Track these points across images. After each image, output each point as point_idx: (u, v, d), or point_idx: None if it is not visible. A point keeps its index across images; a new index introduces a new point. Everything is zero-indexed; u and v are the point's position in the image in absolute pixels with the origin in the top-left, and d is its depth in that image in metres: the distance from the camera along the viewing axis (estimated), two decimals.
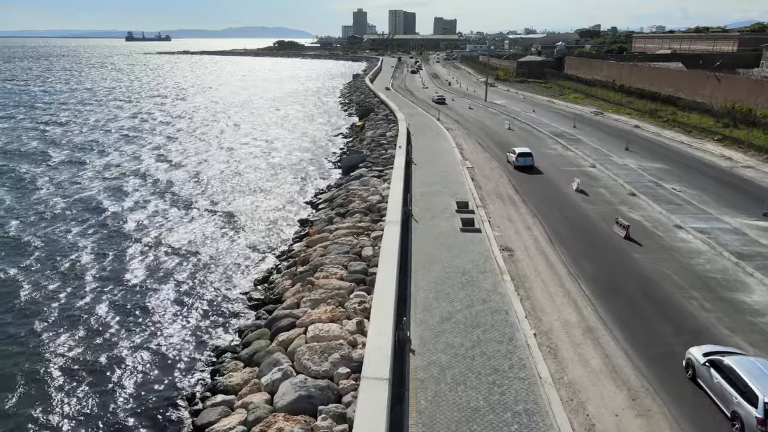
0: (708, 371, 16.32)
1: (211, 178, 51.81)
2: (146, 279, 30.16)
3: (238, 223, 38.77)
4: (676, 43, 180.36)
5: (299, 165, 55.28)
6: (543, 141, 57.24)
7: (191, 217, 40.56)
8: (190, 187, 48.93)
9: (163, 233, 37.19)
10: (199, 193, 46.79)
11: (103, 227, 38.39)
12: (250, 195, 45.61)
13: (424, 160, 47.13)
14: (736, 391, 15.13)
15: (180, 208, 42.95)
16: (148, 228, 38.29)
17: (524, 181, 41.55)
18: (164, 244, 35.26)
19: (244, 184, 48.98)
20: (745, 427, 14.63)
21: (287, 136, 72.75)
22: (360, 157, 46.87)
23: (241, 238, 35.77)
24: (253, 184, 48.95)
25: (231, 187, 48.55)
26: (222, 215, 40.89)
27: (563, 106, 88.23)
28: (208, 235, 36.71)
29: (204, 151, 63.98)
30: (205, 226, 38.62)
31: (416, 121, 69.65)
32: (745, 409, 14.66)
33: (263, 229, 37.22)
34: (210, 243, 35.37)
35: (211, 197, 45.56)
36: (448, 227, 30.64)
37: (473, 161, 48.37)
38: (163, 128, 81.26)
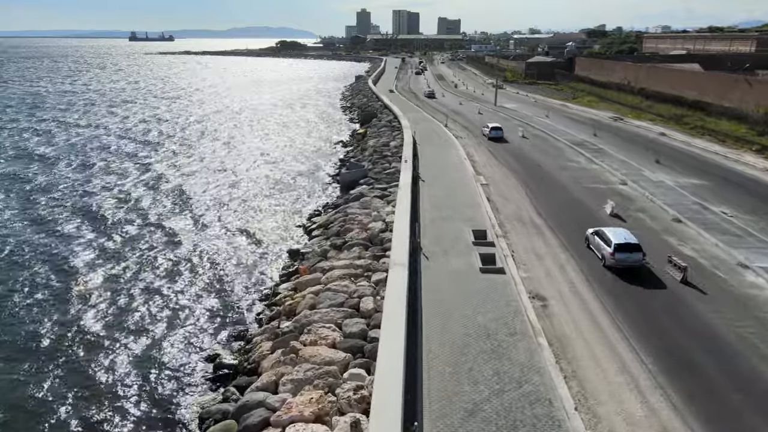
0: (593, 236, 27.00)
1: (197, 194, 46.71)
2: (92, 324, 25.09)
3: (218, 253, 33.61)
4: (689, 43, 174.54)
5: (294, 179, 50.06)
6: (563, 152, 51.94)
7: (164, 243, 35.46)
8: (171, 204, 43.85)
9: (121, 267, 32.09)
10: (180, 213, 41.71)
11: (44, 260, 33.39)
12: (237, 216, 40.45)
13: (433, 176, 41.96)
14: (603, 242, 25.60)
15: (154, 230, 37.86)
16: (95, 265, 33.18)
17: (548, 201, 36.30)
18: (121, 282, 30.17)
19: (231, 203, 43.86)
20: (605, 259, 25.35)
21: (284, 145, 67.37)
22: (361, 171, 41.75)
23: (219, 273, 30.62)
24: (241, 202, 43.80)
25: (216, 205, 43.44)
26: (200, 241, 35.78)
27: (578, 111, 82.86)
28: (180, 267, 31.61)
29: (192, 163, 58.90)
30: (178, 254, 33.51)
31: (422, 127, 64.45)
32: (605, 249, 25.25)
33: (247, 261, 32.01)
34: (182, 278, 30.26)
35: (193, 218, 40.46)
36: (464, 266, 25.46)
37: (487, 176, 43.15)
38: (150, 138, 76.31)
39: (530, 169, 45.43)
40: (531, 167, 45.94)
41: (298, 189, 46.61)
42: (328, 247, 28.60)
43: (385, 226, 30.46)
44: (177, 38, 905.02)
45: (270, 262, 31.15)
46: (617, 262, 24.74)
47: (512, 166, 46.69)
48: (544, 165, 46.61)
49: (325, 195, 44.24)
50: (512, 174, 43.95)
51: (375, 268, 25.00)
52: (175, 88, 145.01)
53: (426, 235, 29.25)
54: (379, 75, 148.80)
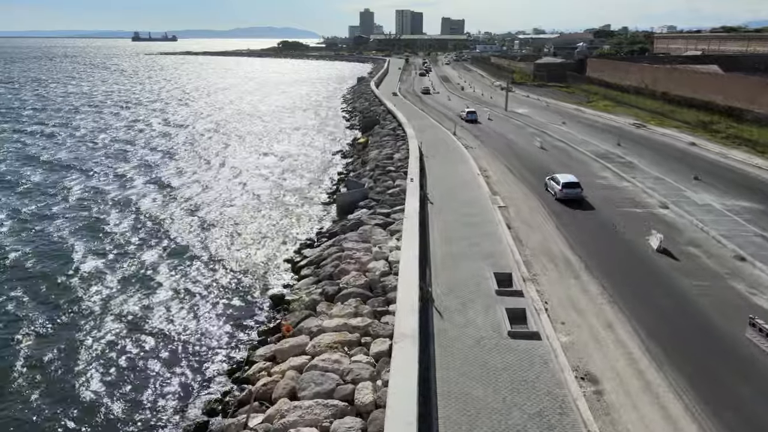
0: (549, 181, 37.94)
1: (175, 216, 41.44)
2: None
3: (187, 297, 28.27)
4: (703, 43, 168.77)
5: (286, 198, 44.44)
6: (587, 166, 46.50)
7: (121, 282, 30.22)
8: (140, 227, 38.61)
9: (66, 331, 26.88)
10: (151, 238, 36.46)
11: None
12: (217, 246, 35.02)
13: (443, 196, 36.61)
14: (555, 183, 36.73)
15: (115, 270, 32.65)
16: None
17: (579, 230, 30.90)
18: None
19: (212, 228, 38.50)
20: (556, 194, 36.22)
21: (278, 156, 61.44)
22: (360, 192, 36.40)
23: (185, 327, 25.25)
24: (223, 227, 38.32)
25: (195, 231, 38.11)
26: (170, 278, 30.51)
27: (595, 116, 77.35)
28: (137, 315, 26.36)
29: (175, 177, 53.63)
30: (146, 302, 28.28)
31: (429, 136, 59.10)
32: (556, 187, 36.37)
33: (220, 310, 26.38)
34: (137, 332, 25.01)
35: (167, 247, 35.18)
36: (488, 327, 20.13)
37: (505, 195, 37.79)
38: (134, 151, 71.16)
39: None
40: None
41: (290, 211, 41.11)
42: (318, 296, 23.27)
43: (389, 267, 25.14)
44: (180, 38, 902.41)
45: (248, 312, 25.68)
46: (564, 195, 35.99)
47: (532, 183, 41.31)
48: None
49: (320, 219, 38.74)
50: (533, 193, 38.54)
51: (375, 332, 19.67)
52: (160, 97, 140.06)
53: (438, 280, 23.93)
54: (382, 77, 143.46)
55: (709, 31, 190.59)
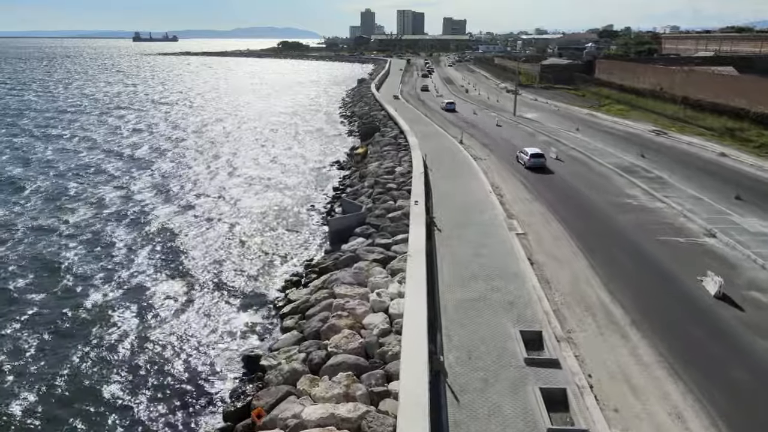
0: (520, 154, 47.33)
1: (145, 245, 36.65)
2: None
3: (147, 352, 23.44)
4: (713, 43, 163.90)
5: (273, 220, 39.00)
6: (612, 182, 41.60)
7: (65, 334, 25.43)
8: (97, 258, 33.82)
9: None
10: (109, 278, 31.66)
11: None
12: (191, 279, 30.07)
13: (452, 221, 31.73)
14: (523, 154, 46.37)
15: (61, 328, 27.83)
16: None
17: (615, 267, 26.01)
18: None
19: (187, 254, 33.63)
20: (525, 162, 45.67)
21: (268, 168, 55.86)
22: (356, 216, 31.49)
23: (139, 400, 20.43)
24: (200, 257, 33.32)
25: (167, 259, 33.27)
26: (136, 333, 25.68)
27: (610, 122, 72.44)
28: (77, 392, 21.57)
29: (155, 195, 48.77)
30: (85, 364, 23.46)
31: (433, 144, 54.22)
32: (525, 157, 45.91)
33: (179, 375, 21.40)
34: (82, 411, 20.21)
35: (135, 288, 30.37)
36: (518, 422, 15.27)
37: (523, 219, 32.93)
38: (107, 161, 66.36)
39: (576, 208, 35.13)
40: (577, 206, 35.65)
41: (277, 237, 35.89)
42: (300, 365, 18.39)
43: (389, 322, 20.29)
44: (181, 38, 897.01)
45: (214, 379, 20.63)
46: (532, 164, 44.95)
47: (551, 202, 36.44)
48: (593, 202, 36.33)
49: (310, 247, 33.73)
50: (554, 216, 33.65)
51: (372, 429, 14.79)
52: (149, 101, 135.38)
53: (452, 342, 19.07)
54: (382, 78, 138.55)
55: (719, 32, 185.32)
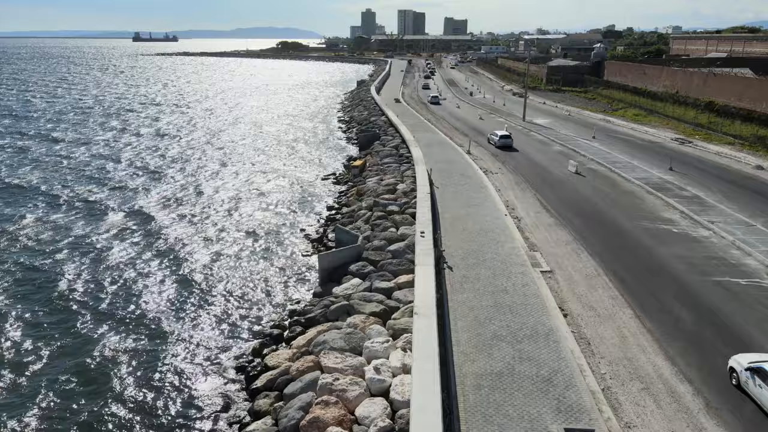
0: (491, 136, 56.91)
1: (95, 288, 31.69)
2: None
3: None
4: (724, 44, 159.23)
5: (257, 250, 33.15)
6: (643, 202, 36.61)
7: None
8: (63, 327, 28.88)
9: None
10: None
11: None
12: (148, 328, 25.15)
13: (465, 256, 26.80)
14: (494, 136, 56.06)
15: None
16: None
17: (672, 324, 21.08)
18: None
19: (149, 292, 28.65)
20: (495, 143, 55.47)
21: (255, 183, 49.93)
22: (351, 250, 26.51)
23: None
24: (167, 291, 28.43)
25: (131, 311, 28.35)
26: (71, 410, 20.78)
27: (627, 129, 67.48)
28: None
29: (125, 228, 43.76)
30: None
31: (438, 156, 49.31)
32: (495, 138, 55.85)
33: None
34: None
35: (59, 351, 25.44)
36: None
37: (546, 251, 28.03)
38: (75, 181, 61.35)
39: (608, 236, 30.18)
40: (609, 233, 30.67)
41: (260, 271, 30.12)
42: None
43: (390, 415, 15.34)
44: (182, 39, 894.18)
45: None
46: (503, 144, 53.73)
47: (577, 228, 31.52)
48: (626, 229, 31.37)
49: (297, 284, 28.43)
50: (582, 246, 28.73)
51: None
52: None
53: None
54: (383, 80, 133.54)
55: (731, 32, 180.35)
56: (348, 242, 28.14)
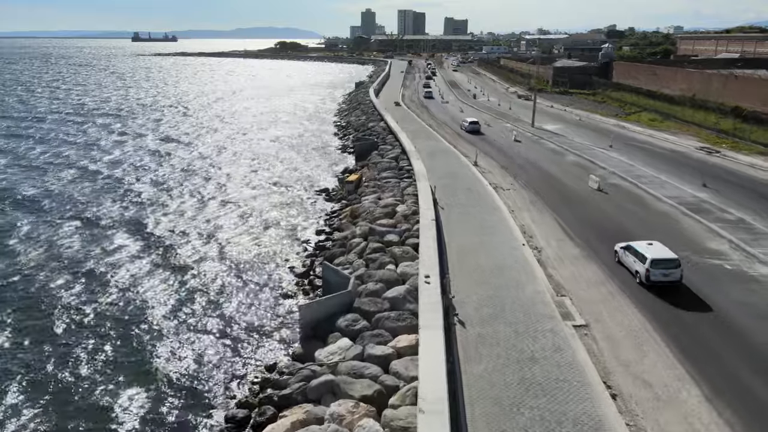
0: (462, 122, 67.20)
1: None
2: None
3: None
4: (735, 44, 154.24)
5: (227, 289, 27.93)
6: (680, 227, 31.65)
7: None
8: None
9: None
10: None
11: None
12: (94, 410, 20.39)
13: (480, 307, 21.88)
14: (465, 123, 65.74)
15: None
16: None
17: (753, 410, 16.19)
18: None
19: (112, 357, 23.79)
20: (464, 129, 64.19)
21: (242, 200, 44.57)
22: (340, 299, 21.50)
23: None
24: (97, 371, 23.53)
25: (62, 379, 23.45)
26: None
27: (646, 136, 62.51)
28: None
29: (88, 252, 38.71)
30: None
31: (443, 168, 44.42)
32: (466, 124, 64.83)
33: None
34: None
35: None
36: None
37: (578, 296, 23.11)
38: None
39: None
40: None
41: (225, 320, 24.25)
42: None
43: None
44: (182, 39, 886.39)
45: None
46: (470, 130, 60.97)
47: (608, 262, 26.58)
48: None
49: (270, 342, 22.95)
50: (620, 289, 23.78)
51: None
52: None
53: None
54: (382, 82, 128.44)
55: (740, 32, 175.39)
56: (337, 285, 23.19)
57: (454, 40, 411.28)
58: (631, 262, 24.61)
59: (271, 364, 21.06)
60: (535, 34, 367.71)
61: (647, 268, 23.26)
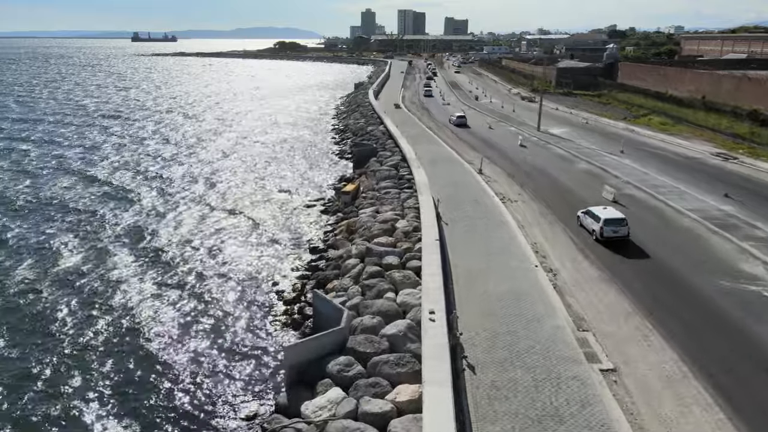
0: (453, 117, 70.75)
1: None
2: None
3: None
4: (741, 44, 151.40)
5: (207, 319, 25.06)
6: (710, 248, 28.85)
7: None
8: None
9: None
10: None
11: None
12: None
13: (490, 342, 19.14)
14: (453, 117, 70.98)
15: None
16: None
17: None
18: None
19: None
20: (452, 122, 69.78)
21: (229, 212, 41.15)
22: (331, 337, 18.67)
23: None
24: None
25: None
26: None
27: (657, 140, 59.70)
28: None
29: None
30: None
31: (446, 177, 41.69)
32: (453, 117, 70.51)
33: None
34: None
35: None
36: None
37: (602, 332, 20.35)
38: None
39: (680, 303, 22.47)
40: (679, 298, 22.94)
41: (201, 361, 21.33)
42: None
43: None
44: (182, 39, 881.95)
45: None
46: (457, 123, 66.33)
47: (633, 286, 23.82)
48: (698, 289, 23.66)
49: (250, 387, 19.75)
50: (650, 323, 20.99)
51: None
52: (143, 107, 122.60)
53: None
54: (382, 83, 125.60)
55: (746, 31, 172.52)
56: (328, 318, 20.42)
57: (455, 40, 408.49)
58: (590, 223, 29.89)
59: (251, 414, 18.27)
60: (535, 34, 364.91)
61: (601, 226, 28.60)
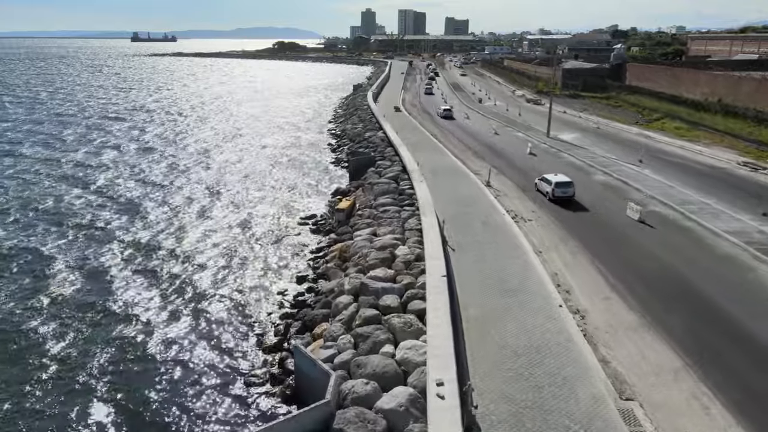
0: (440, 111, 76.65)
1: None
2: None
3: None
4: (751, 45, 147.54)
5: (173, 386, 20.93)
6: (758, 281, 24.90)
7: None
8: None
9: None
10: None
11: None
12: None
13: (513, 421, 15.23)
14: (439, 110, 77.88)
15: None
16: None
17: None
18: None
19: None
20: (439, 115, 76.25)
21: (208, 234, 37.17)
22: (312, 415, 14.88)
23: None
24: None
25: None
26: None
27: (676, 148, 55.72)
28: None
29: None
30: None
31: (449, 190, 37.78)
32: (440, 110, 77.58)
33: None
34: None
35: None
36: None
37: (651, 401, 16.51)
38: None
39: (739, 360, 18.58)
40: (738, 353, 19.01)
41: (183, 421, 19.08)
42: None
43: None
44: (181, 39, 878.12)
45: None
46: (444, 116, 73.12)
47: (679, 336, 19.94)
48: (761, 339, 19.75)
49: None
50: (709, 390, 17.11)
51: None
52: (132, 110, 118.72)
53: None
54: (382, 84, 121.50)
55: (755, 31, 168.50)
56: (312, 381, 16.56)
57: (455, 40, 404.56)
58: (544, 186, 36.38)
59: None
60: (536, 34, 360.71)
61: (552, 189, 35.29)
